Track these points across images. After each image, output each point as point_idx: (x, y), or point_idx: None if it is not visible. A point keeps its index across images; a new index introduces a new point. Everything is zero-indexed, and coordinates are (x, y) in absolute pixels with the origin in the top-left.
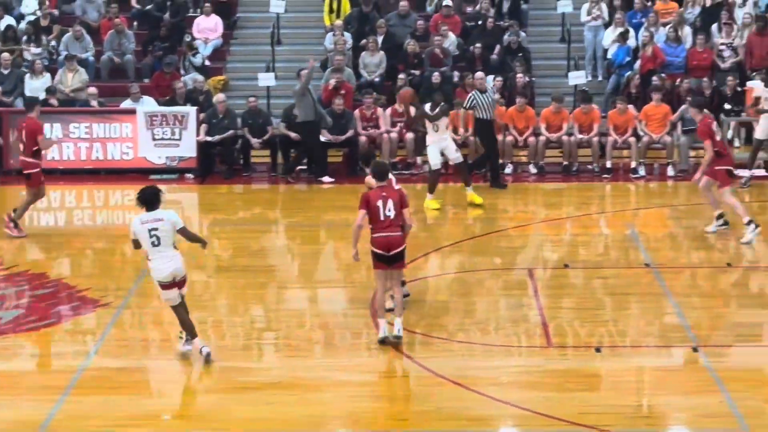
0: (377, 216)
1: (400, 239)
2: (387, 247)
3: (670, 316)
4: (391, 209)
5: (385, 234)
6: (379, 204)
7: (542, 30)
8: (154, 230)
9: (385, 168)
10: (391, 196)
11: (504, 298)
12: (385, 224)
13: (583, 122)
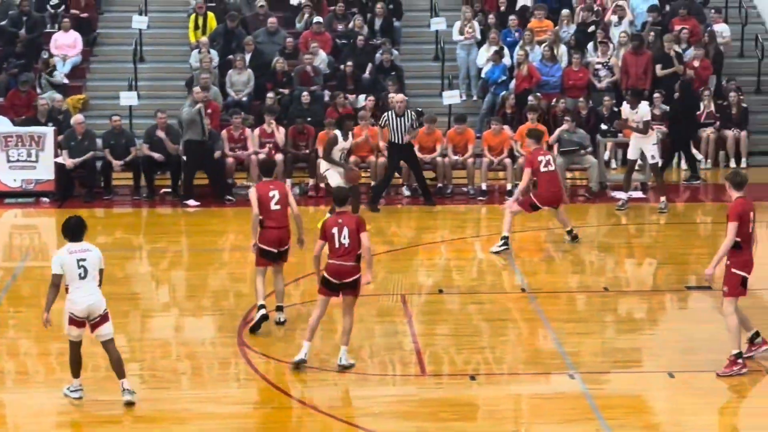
0: (333, 243)
1: (353, 269)
2: (338, 275)
3: (547, 342)
4: (346, 237)
5: (337, 262)
6: (335, 231)
7: (415, 48)
8: (83, 261)
9: (345, 194)
10: (347, 224)
11: (378, 324)
12: (339, 252)
13: (457, 143)
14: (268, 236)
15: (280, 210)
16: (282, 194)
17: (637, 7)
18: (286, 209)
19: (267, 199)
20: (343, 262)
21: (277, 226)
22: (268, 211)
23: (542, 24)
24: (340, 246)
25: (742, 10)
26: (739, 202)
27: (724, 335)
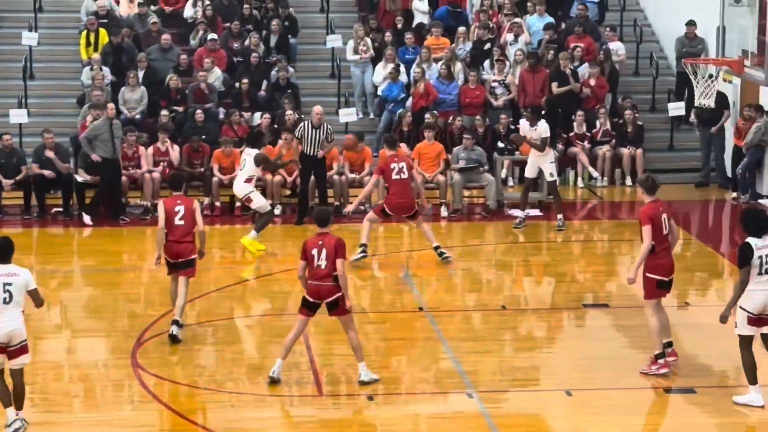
0: (312, 264)
1: (332, 289)
2: (316, 296)
3: (445, 362)
4: (324, 259)
5: (316, 283)
6: (314, 253)
7: (312, 65)
8: (8, 285)
9: (327, 215)
10: (326, 246)
11: (274, 345)
12: (317, 273)
13: (354, 161)
14: (166, 249)
15: (183, 225)
16: (188, 210)
17: (533, 25)
18: (190, 225)
19: (172, 214)
20: (321, 282)
21: (176, 240)
22: (172, 226)
23: (439, 42)
24: (317, 267)
25: (637, 28)
26: (650, 206)
27: (621, 353)
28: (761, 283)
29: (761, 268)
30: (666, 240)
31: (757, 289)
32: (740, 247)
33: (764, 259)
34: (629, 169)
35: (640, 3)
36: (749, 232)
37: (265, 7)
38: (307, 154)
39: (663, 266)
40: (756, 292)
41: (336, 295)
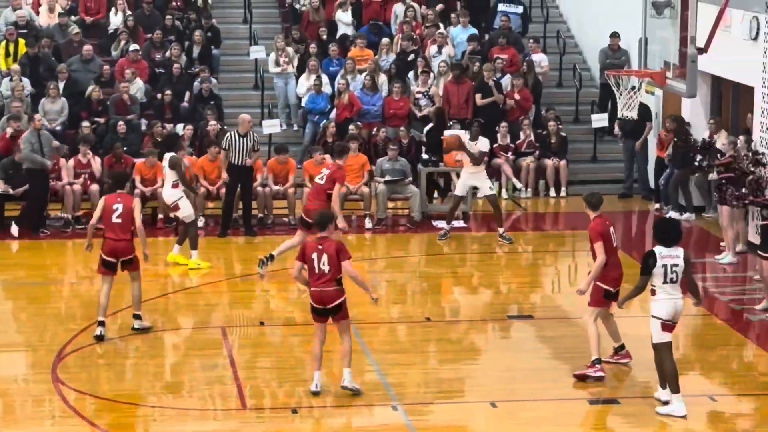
0: (312, 269)
1: (335, 293)
2: (321, 301)
3: (370, 374)
4: (326, 263)
5: (319, 288)
6: (314, 257)
7: (235, 77)
8: None
9: (327, 218)
10: (326, 250)
11: (197, 358)
12: (319, 278)
13: (278, 173)
14: (106, 247)
15: (121, 223)
16: (126, 208)
17: (457, 37)
18: (128, 223)
19: (110, 211)
20: (324, 288)
21: (115, 238)
22: (109, 223)
23: (363, 53)
24: (320, 272)
25: (560, 40)
26: (597, 222)
27: (546, 364)
28: (667, 291)
29: (665, 276)
30: (615, 252)
31: (664, 297)
32: (644, 254)
33: (668, 268)
34: (553, 180)
35: (563, 15)
36: (658, 240)
37: (188, 17)
38: (234, 164)
39: (613, 278)
40: (664, 301)
41: (339, 300)
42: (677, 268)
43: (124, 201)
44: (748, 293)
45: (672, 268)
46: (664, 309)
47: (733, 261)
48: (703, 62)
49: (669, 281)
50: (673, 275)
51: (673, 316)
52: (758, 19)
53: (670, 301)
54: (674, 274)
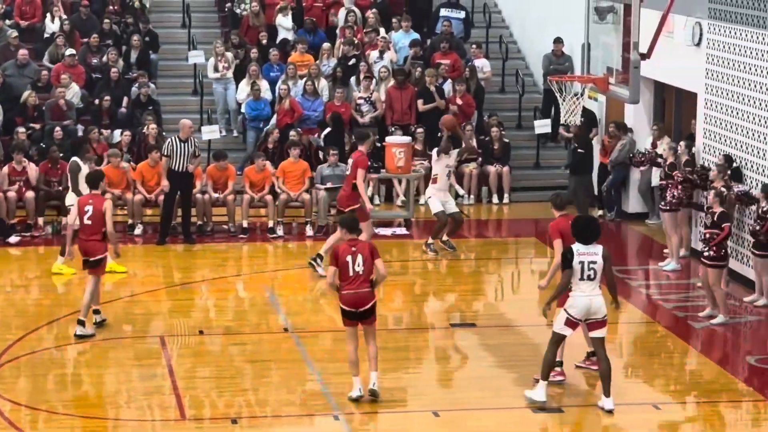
0: (346, 272)
1: (369, 295)
2: (355, 304)
3: (312, 383)
4: (361, 264)
5: (353, 291)
6: (348, 259)
7: (173, 82)
8: None
9: (356, 221)
10: (360, 251)
11: (135, 368)
12: (354, 280)
13: (217, 179)
14: (78, 246)
15: (91, 225)
16: (96, 210)
17: (399, 41)
18: (97, 224)
19: (82, 212)
20: (358, 290)
21: (85, 238)
22: (81, 224)
23: (303, 58)
24: (355, 274)
25: (502, 45)
26: (560, 220)
27: (489, 372)
28: (581, 289)
29: (582, 273)
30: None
31: (578, 294)
32: (563, 251)
33: (585, 266)
34: (496, 186)
35: (505, 20)
36: (576, 238)
37: (125, 22)
38: (174, 170)
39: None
40: (578, 297)
41: (371, 303)
42: (595, 265)
43: (96, 203)
44: (692, 300)
45: (589, 265)
46: (575, 306)
47: (676, 268)
48: (645, 68)
49: (586, 278)
50: (590, 272)
51: (584, 314)
52: (701, 24)
53: (584, 299)
54: (591, 272)
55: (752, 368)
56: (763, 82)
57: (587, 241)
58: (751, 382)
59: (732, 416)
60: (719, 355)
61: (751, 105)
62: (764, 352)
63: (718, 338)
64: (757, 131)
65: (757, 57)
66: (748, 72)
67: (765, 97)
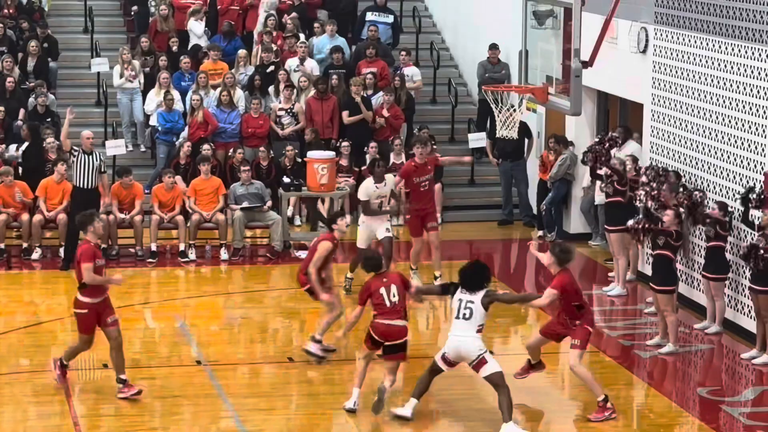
0: (383, 304)
1: (402, 330)
2: (387, 336)
3: (226, 420)
4: (395, 294)
5: (387, 322)
6: (383, 292)
7: (75, 92)
8: None
9: (380, 260)
10: (393, 282)
11: (34, 406)
12: (389, 311)
13: (123, 198)
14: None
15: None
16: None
17: (324, 47)
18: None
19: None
20: (392, 321)
21: None
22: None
23: (217, 66)
24: (392, 304)
25: (434, 52)
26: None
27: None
28: (454, 327)
29: (458, 312)
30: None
31: (451, 333)
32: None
33: (463, 304)
34: None
35: (437, 24)
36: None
37: (21, 26)
38: (79, 187)
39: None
40: (450, 337)
41: (404, 339)
42: (472, 305)
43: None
44: (639, 327)
45: (466, 304)
46: (447, 346)
47: (622, 293)
48: (588, 77)
49: (461, 317)
50: (466, 312)
51: (455, 356)
52: (647, 30)
53: (454, 339)
54: (467, 311)
55: (703, 401)
56: (714, 92)
57: (469, 289)
58: (703, 416)
59: None
60: (669, 386)
61: (702, 117)
62: (717, 384)
63: (668, 368)
64: (707, 144)
65: (707, 65)
66: (698, 81)
67: (716, 109)
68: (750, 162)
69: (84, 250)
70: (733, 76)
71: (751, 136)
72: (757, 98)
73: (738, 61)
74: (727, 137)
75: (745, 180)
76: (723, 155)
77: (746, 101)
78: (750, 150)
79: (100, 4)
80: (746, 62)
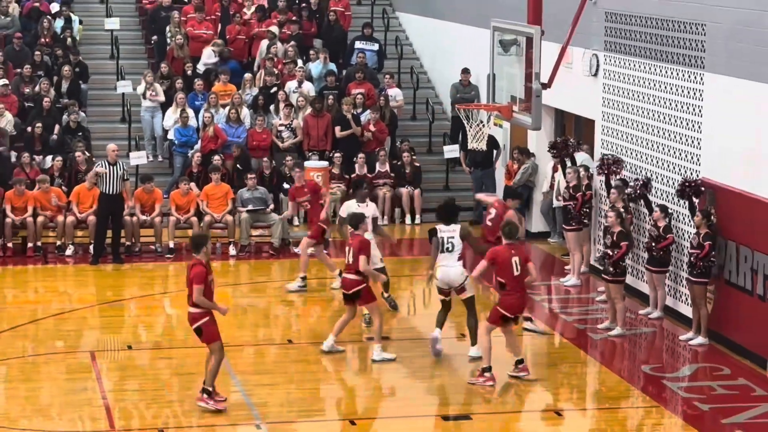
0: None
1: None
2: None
3: (235, 394)
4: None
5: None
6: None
7: (102, 110)
8: None
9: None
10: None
11: (67, 382)
12: (517, 283)
13: (145, 202)
14: None
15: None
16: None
17: (317, 72)
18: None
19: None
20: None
21: None
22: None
23: (226, 87)
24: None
25: (413, 75)
26: (503, 247)
27: (402, 382)
28: (443, 259)
29: (443, 246)
30: (516, 281)
31: (440, 265)
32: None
33: (445, 240)
34: (408, 208)
35: (416, 51)
36: (438, 218)
37: (55, 54)
38: (106, 193)
39: (510, 303)
40: (440, 268)
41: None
42: (453, 240)
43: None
44: (591, 313)
45: (448, 239)
46: (438, 276)
47: (576, 283)
48: (547, 96)
49: (445, 251)
50: (449, 245)
51: (445, 282)
52: (597, 56)
53: (442, 268)
54: (450, 245)
55: (647, 376)
56: (655, 109)
57: (447, 222)
58: (647, 389)
59: (631, 421)
60: (617, 364)
61: (645, 131)
62: (659, 362)
63: (617, 349)
64: (650, 155)
65: (649, 86)
66: (642, 100)
67: (658, 124)
68: (683, 169)
69: (197, 273)
70: (670, 95)
71: (686, 147)
72: (691, 114)
73: (675, 82)
74: (665, 148)
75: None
76: (661, 163)
77: (682, 117)
78: (684, 159)
79: (125, 34)
80: (682, 84)
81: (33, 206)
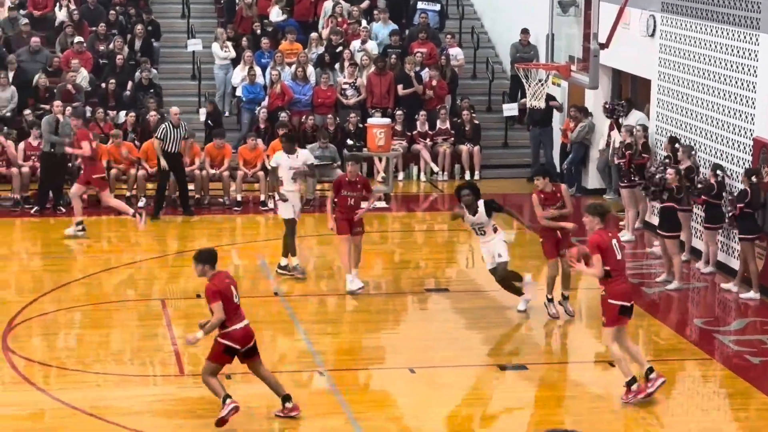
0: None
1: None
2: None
3: (299, 342)
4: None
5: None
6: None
7: (174, 67)
8: None
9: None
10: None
11: (138, 329)
12: (623, 269)
13: (214, 157)
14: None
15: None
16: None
17: (379, 32)
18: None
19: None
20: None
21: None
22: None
23: (292, 46)
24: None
25: (474, 35)
26: (596, 236)
27: (460, 333)
28: (480, 242)
29: (476, 233)
30: (620, 265)
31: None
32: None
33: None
34: (468, 164)
35: (477, 12)
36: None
37: (129, 12)
38: (167, 152)
39: (624, 292)
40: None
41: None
42: (478, 226)
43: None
44: (645, 268)
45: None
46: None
47: (631, 239)
48: (604, 56)
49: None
50: (480, 232)
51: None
52: (654, 17)
53: (482, 246)
54: (480, 231)
55: (699, 330)
56: (710, 69)
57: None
58: (698, 342)
59: (682, 373)
60: (671, 317)
61: (700, 91)
62: (710, 315)
63: (671, 302)
64: (705, 115)
65: (706, 47)
66: (697, 60)
67: (713, 84)
68: (739, 129)
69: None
70: (726, 56)
71: (740, 106)
72: (746, 75)
73: (730, 43)
74: (720, 108)
75: (734, 144)
76: (716, 122)
77: (737, 77)
78: (739, 118)
79: None
80: (737, 44)
81: (107, 159)
